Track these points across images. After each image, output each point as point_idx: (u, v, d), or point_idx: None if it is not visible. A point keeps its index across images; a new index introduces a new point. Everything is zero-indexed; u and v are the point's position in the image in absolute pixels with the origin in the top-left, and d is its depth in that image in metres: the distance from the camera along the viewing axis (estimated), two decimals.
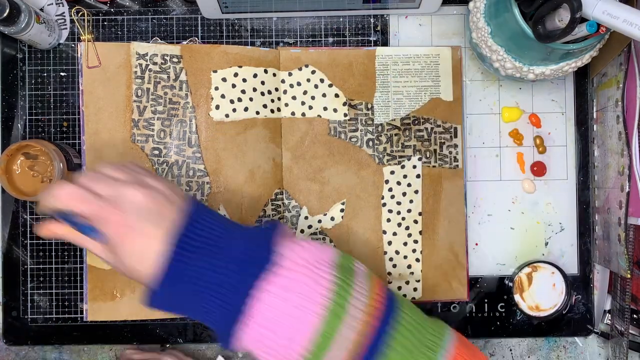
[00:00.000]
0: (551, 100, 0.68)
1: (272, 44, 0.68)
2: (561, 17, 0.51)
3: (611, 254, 0.63)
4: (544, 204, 0.68)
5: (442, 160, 0.66)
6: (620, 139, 0.60)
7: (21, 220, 0.66)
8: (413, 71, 0.67)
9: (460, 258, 0.66)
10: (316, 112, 0.66)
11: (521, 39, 0.55)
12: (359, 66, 0.66)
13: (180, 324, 0.67)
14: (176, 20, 0.68)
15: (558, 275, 0.65)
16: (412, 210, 0.66)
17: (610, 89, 0.63)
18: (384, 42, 0.68)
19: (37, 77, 0.67)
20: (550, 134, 0.68)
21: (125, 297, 0.64)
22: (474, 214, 0.68)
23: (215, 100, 0.64)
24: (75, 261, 0.66)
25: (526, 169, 0.68)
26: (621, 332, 0.63)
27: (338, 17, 0.68)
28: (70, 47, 0.67)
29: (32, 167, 0.62)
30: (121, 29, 0.67)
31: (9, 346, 0.67)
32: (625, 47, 0.58)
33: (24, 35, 0.61)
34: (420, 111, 0.66)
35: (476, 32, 0.60)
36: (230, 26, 0.68)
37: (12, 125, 0.67)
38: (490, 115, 0.68)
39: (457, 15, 0.68)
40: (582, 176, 0.68)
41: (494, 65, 0.61)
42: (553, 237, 0.68)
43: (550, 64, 0.58)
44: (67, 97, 0.67)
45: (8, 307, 0.66)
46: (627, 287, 0.61)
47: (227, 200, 0.64)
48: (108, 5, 0.67)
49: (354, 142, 0.66)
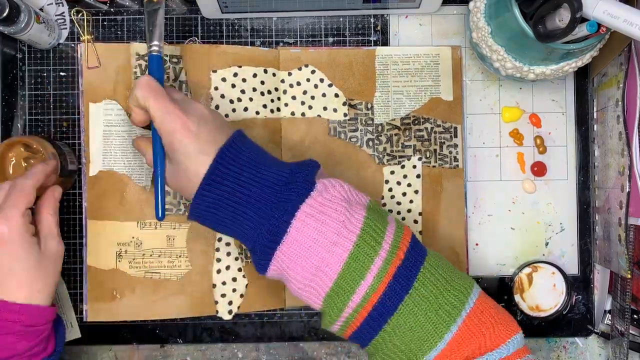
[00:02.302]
0: (551, 100, 0.68)
1: (272, 44, 0.68)
2: (561, 17, 0.51)
3: (611, 254, 0.63)
4: (544, 204, 0.68)
5: (442, 160, 0.66)
6: (621, 139, 0.60)
7: None
8: (413, 71, 0.67)
9: (460, 258, 0.66)
10: (316, 112, 0.66)
11: (521, 39, 0.55)
12: (358, 66, 0.66)
13: (181, 324, 0.67)
14: (176, 20, 0.67)
15: (558, 276, 0.65)
16: (412, 210, 0.66)
17: (610, 89, 0.63)
18: (384, 42, 0.68)
19: (36, 77, 0.67)
20: (550, 134, 0.68)
21: (125, 297, 0.64)
22: (474, 214, 0.68)
23: (215, 100, 0.64)
24: (74, 261, 0.66)
25: (526, 169, 0.68)
26: (621, 333, 0.62)
27: (338, 17, 0.68)
28: (70, 47, 0.67)
29: (28, 160, 0.62)
30: (121, 29, 0.67)
31: None
32: (626, 47, 0.58)
33: (24, 35, 0.61)
34: (420, 111, 0.66)
35: (476, 31, 0.60)
36: (230, 26, 0.68)
37: (12, 125, 0.67)
38: (491, 115, 0.68)
39: (457, 15, 0.68)
40: (583, 176, 0.68)
41: (494, 65, 0.61)
42: (553, 237, 0.68)
43: (550, 64, 0.58)
44: (67, 97, 0.67)
45: None
46: (627, 287, 0.61)
47: None
48: (108, 5, 0.67)
49: (354, 142, 0.66)
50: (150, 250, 0.64)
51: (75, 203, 0.66)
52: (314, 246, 0.48)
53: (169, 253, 0.64)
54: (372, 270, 0.47)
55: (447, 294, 0.48)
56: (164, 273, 0.64)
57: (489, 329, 0.48)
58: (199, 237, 0.64)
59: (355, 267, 0.47)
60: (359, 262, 0.47)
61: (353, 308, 0.48)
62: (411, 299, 0.48)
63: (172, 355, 0.68)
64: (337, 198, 0.49)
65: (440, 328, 0.47)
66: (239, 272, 0.65)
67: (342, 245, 0.48)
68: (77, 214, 0.66)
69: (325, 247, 0.47)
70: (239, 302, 0.64)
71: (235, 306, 0.64)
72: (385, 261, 0.48)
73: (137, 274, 0.64)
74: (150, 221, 0.64)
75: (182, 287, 0.64)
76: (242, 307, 0.65)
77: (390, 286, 0.47)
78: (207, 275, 0.64)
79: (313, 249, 0.48)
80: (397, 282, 0.48)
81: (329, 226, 0.48)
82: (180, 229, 0.64)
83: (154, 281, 0.64)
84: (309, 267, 0.48)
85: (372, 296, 0.48)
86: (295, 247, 0.48)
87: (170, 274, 0.64)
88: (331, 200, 0.49)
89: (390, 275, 0.48)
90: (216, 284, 0.64)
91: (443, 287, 0.49)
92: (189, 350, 0.68)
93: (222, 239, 0.65)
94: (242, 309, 0.65)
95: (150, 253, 0.64)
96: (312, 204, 0.48)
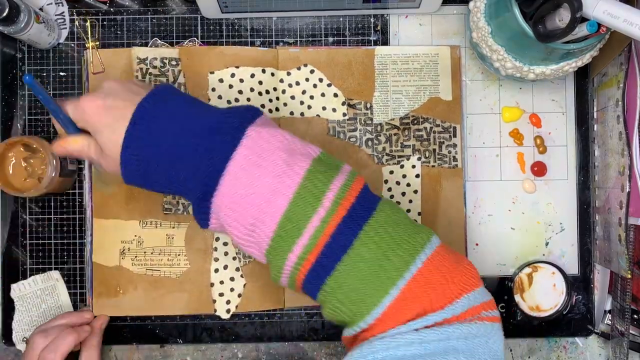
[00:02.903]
0: (551, 100, 0.68)
1: (271, 44, 0.68)
2: (561, 17, 0.51)
3: (611, 254, 0.63)
4: (544, 204, 0.68)
5: (442, 160, 0.66)
6: (621, 139, 0.60)
7: (21, 220, 0.66)
8: (412, 70, 0.66)
9: None
10: (315, 111, 0.66)
11: (521, 39, 0.55)
12: (358, 65, 0.66)
13: (181, 324, 0.67)
14: (176, 20, 0.67)
15: (558, 276, 0.65)
16: (412, 210, 0.66)
17: (610, 89, 0.63)
18: (384, 42, 0.68)
19: (36, 76, 0.67)
20: (550, 134, 0.68)
21: (128, 293, 0.65)
22: (474, 214, 0.67)
23: (212, 102, 0.65)
24: (74, 261, 0.66)
25: (526, 169, 0.68)
26: (621, 332, 0.62)
27: (338, 17, 0.68)
28: (70, 47, 0.67)
29: (28, 160, 0.62)
30: (121, 29, 0.67)
31: (9, 346, 0.67)
32: (626, 46, 0.58)
33: (24, 35, 0.61)
34: (419, 110, 0.66)
35: (476, 31, 0.60)
36: (230, 26, 0.68)
37: (12, 124, 0.67)
38: (491, 115, 0.68)
39: (457, 15, 0.68)
40: (583, 176, 0.68)
41: (494, 65, 0.61)
42: (553, 237, 0.68)
43: (550, 64, 0.57)
44: (67, 97, 0.67)
45: (8, 308, 0.66)
46: (627, 287, 0.61)
47: None
48: (108, 5, 0.67)
49: (353, 141, 0.66)
50: (151, 248, 0.65)
51: (75, 203, 0.67)
52: (248, 198, 0.46)
53: (169, 251, 0.65)
54: (308, 228, 0.45)
55: (391, 254, 0.45)
56: (164, 271, 0.65)
57: (435, 289, 0.45)
58: (197, 236, 0.65)
59: (290, 228, 0.45)
60: (293, 222, 0.45)
61: (292, 265, 0.46)
62: (350, 259, 0.45)
63: (172, 355, 0.68)
64: (275, 147, 0.47)
65: (379, 292, 0.45)
66: (237, 272, 0.65)
67: (276, 202, 0.45)
68: (77, 214, 0.67)
69: (262, 199, 0.46)
70: (237, 302, 0.65)
71: (233, 305, 0.65)
72: (322, 220, 0.45)
73: (139, 271, 0.65)
74: (151, 220, 0.65)
75: (181, 284, 0.65)
76: (240, 306, 0.65)
77: (327, 246, 0.45)
78: (205, 274, 0.65)
79: (248, 201, 0.46)
80: (334, 242, 0.45)
81: (263, 179, 0.46)
82: (179, 228, 0.65)
83: (154, 278, 0.65)
84: (245, 220, 0.46)
85: (309, 255, 0.45)
86: (230, 198, 0.46)
87: (169, 271, 0.65)
88: (267, 150, 0.46)
89: (328, 235, 0.45)
90: (214, 282, 0.65)
91: (389, 246, 0.46)
92: (189, 350, 0.68)
93: (219, 239, 0.65)
94: (240, 308, 0.65)
95: (151, 251, 0.65)
96: (245, 154, 0.46)
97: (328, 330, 0.67)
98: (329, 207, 0.46)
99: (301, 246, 0.46)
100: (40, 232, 0.67)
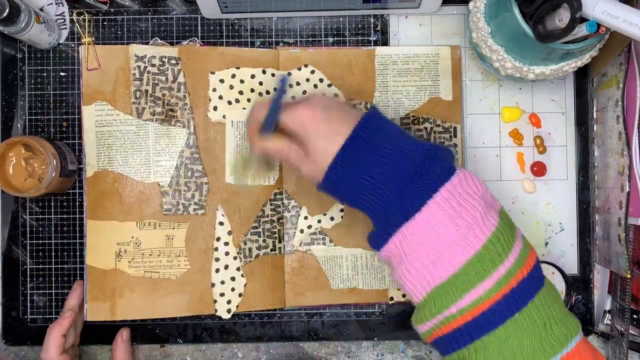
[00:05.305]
0: (551, 100, 0.68)
1: (272, 44, 0.68)
2: (561, 17, 0.51)
3: (611, 254, 0.63)
4: (544, 204, 0.68)
5: None
6: (621, 139, 0.60)
7: (21, 220, 0.66)
8: (412, 71, 0.67)
9: None
10: None
11: (521, 39, 0.55)
12: (358, 66, 0.66)
13: (181, 324, 0.67)
14: (176, 20, 0.68)
15: (558, 276, 0.65)
16: None
17: (610, 89, 0.63)
18: (384, 42, 0.68)
19: (36, 76, 0.67)
20: (550, 134, 0.68)
21: (125, 297, 0.64)
22: None
23: (212, 102, 0.64)
24: (74, 261, 0.66)
25: (526, 169, 0.68)
26: (621, 332, 0.62)
27: (338, 17, 0.68)
28: (70, 47, 0.67)
29: (28, 160, 0.62)
30: (121, 29, 0.67)
31: (9, 346, 0.67)
32: (625, 47, 0.58)
33: (24, 35, 0.61)
34: (419, 111, 0.66)
35: (476, 32, 0.60)
36: (230, 26, 0.68)
37: (12, 124, 0.67)
38: (490, 115, 0.68)
39: (457, 15, 0.68)
40: (582, 176, 0.68)
41: (494, 65, 0.61)
42: (553, 237, 0.68)
43: (550, 64, 0.57)
44: (67, 97, 0.67)
45: (8, 307, 0.66)
46: (627, 287, 0.61)
47: (225, 201, 0.64)
48: (108, 5, 0.67)
49: None
50: (149, 250, 0.64)
51: (75, 203, 0.67)
52: (443, 233, 0.46)
53: (168, 252, 0.64)
54: (493, 276, 0.45)
55: (555, 327, 0.46)
56: (163, 272, 0.64)
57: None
58: (197, 237, 0.64)
59: (478, 268, 0.46)
60: (483, 264, 0.46)
61: (458, 309, 0.46)
62: (522, 317, 0.45)
63: (172, 355, 0.68)
64: (476, 194, 0.48)
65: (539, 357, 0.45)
66: (238, 272, 0.65)
67: (471, 242, 0.46)
68: (77, 214, 0.67)
69: (455, 238, 0.46)
70: (237, 302, 0.65)
71: (234, 305, 0.64)
72: (508, 271, 0.46)
73: (136, 274, 0.64)
74: (149, 221, 0.64)
75: (181, 286, 0.64)
76: (240, 306, 0.65)
77: (505, 297, 0.45)
78: (205, 275, 0.64)
79: (442, 235, 0.46)
80: (513, 296, 0.45)
81: (464, 219, 0.46)
82: (179, 228, 0.64)
83: (153, 280, 0.64)
84: (431, 251, 0.47)
85: (485, 301, 0.45)
86: (424, 228, 0.47)
87: (169, 273, 0.64)
88: (470, 195, 0.47)
89: (510, 287, 0.45)
90: (215, 283, 0.64)
91: (553, 318, 0.46)
92: (189, 350, 0.68)
93: (220, 239, 0.65)
94: (240, 308, 0.65)
95: (150, 253, 0.64)
96: (451, 191, 0.47)
97: (328, 330, 0.67)
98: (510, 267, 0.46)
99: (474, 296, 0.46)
100: (40, 232, 0.67)
